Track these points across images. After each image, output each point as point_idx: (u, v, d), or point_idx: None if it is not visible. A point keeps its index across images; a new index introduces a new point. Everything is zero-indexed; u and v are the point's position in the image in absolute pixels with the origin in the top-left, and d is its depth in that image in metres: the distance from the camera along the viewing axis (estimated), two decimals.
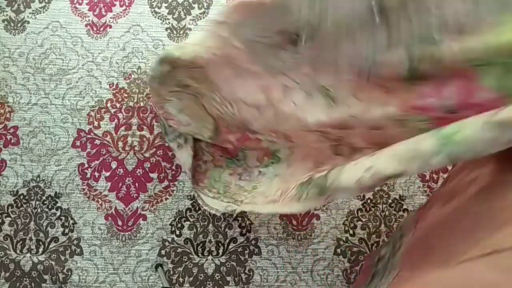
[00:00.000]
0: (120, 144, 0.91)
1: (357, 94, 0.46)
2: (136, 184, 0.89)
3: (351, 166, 0.41)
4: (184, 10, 0.99)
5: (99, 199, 0.88)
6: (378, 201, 0.89)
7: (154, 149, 0.90)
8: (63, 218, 0.87)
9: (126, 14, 0.98)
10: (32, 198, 0.88)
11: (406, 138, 0.36)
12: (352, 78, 0.46)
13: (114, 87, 0.94)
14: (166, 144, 0.90)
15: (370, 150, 0.46)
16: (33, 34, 0.96)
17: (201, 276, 0.85)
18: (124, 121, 0.92)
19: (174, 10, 0.99)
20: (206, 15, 0.99)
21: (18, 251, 0.85)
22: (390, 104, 0.43)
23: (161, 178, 0.89)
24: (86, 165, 0.89)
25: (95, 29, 0.97)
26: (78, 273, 0.84)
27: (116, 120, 0.92)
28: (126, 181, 0.89)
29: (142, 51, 0.96)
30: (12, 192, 0.88)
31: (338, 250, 0.86)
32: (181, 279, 0.85)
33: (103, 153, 0.90)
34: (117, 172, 0.89)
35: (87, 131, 0.91)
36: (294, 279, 0.85)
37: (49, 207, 0.87)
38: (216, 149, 0.81)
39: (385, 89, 0.43)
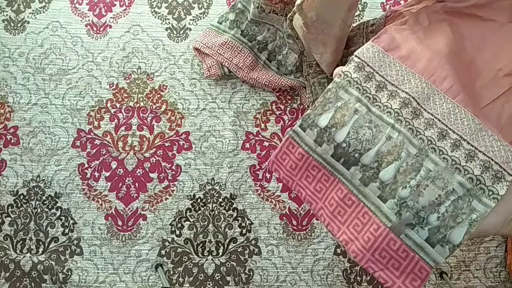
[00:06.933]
0: (120, 144, 0.91)
1: None
2: (136, 184, 0.89)
3: None
4: (184, 10, 0.99)
5: (99, 199, 0.88)
6: None
7: (154, 149, 0.90)
8: (63, 218, 0.87)
9: (126, 14, 0.98)
10: (32, 198, 0.88)
11: None
12: None
13: (114, 87, 0.94)
14: (167, 145, 0.90)
15: None
16: (33, 34, 0.96)
17: (201, 276, 0.85)
18: (124, 121, 0.92)
19: (174, 10, 0.99)
20: (206, 15, 0.99)
21: (18, 251, 0.85)
22: None
23: (161, 178, 0.89)
24: (86, 165, 0.89)
25: (95, 29, 0.97)
26: (78, 273, 0.84)
27: (116, 120, 0.92)
28: (126, 181, 0.89)
29: (142, 51, 0.96)
30: (12, 192, 0.88)
31: (338, 250, 0.86)
32: (181, 279, 0.85)
33: (103, 153, 0.90)
34: (117, 172, 0.89)
35: (87, 131, 0.91)
36: (294, 279, 0.85)
37: (49, 207, 0.87)
38: None
39: None
